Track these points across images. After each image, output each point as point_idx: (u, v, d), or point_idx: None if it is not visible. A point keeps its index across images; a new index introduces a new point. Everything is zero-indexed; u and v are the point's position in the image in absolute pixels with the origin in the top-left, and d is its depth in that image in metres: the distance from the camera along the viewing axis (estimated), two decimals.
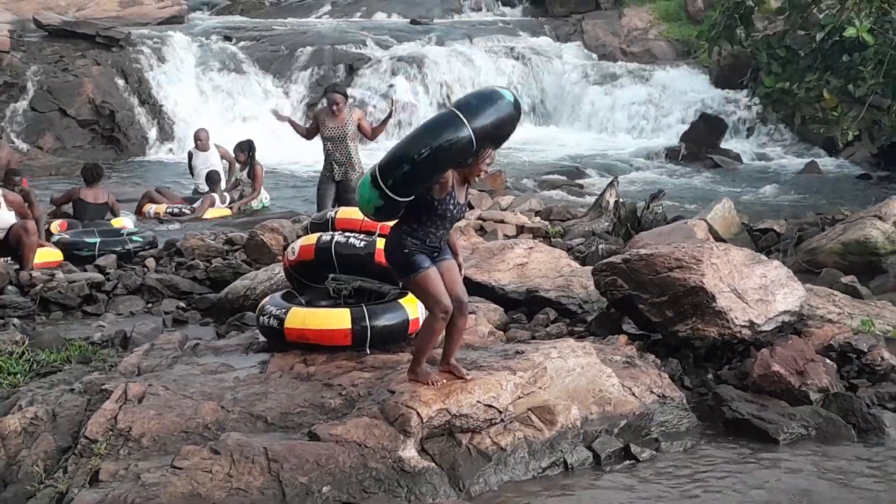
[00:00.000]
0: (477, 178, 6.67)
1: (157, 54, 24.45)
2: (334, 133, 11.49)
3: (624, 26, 28.88)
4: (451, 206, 6.62)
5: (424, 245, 6.64)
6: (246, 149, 16.95)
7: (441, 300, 6.61)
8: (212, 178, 16.77)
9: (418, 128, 6.51)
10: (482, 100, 6.40)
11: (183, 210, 16.17)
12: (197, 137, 17.20)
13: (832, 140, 20.76)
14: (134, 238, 13.07)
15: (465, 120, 6.21)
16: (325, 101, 11.65)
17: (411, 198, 6.42)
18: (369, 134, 11.97)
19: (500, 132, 6.42)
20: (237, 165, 17.22)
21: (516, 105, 6.47)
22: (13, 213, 11.89)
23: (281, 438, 6.54)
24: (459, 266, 6.93)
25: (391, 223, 6.83)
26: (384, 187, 6.33)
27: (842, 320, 8.80)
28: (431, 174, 6.35)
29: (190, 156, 17.50)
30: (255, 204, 16.90)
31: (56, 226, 14.06)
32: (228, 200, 16.70)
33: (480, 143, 6.30)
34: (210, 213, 16.13)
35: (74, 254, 12.66)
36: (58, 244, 12.81)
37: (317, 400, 7.06)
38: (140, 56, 24.27)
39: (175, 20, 28.30)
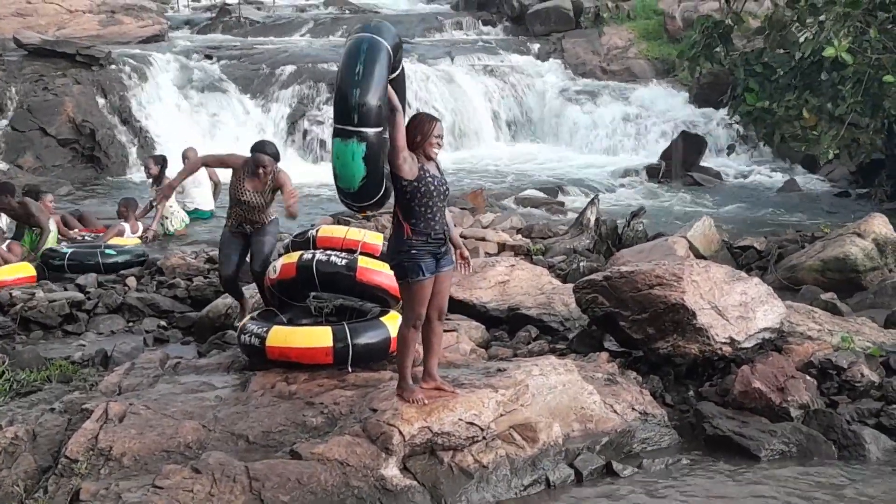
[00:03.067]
0: (436, 153, 6.80)
1: (138, 73, 24.38)
2: (253, 199, 9.22)
3: (604, 45, 28.96)
4: (431, 180, 6.70)
5: (430, 239, 6.68)
6: (160, 162, 16.17)
7: (419, 311, 6.72)
8: (124, 204, 15.57)
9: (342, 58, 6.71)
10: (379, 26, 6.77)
11: (86, 238, 14.92)
12: (185, 157, 16.90)
13: (811, 158, 20.87)
14: (108, 252, 12.92)
15: (376, 36, 6.57)
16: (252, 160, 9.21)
17: (380, 128, 6.50)
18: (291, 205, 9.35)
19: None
20: (149, 180, 16.34)
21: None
22: None
23: (262, 457, 6.53)
24: (467, 260, 7.13)
25: (374, 208, 6.96)
26: (354, 127, 6.39)
27: (822, 337, 8.84)
28: (377, 87, 6.46)
29: None
30: (170, 227, 15.92)
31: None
32: (141, 230, 15.40)
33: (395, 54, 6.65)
34: (115, 242, 14.37)
35: (49, 262, 12.78)
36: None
37: (298, 418, 7.05)
38: (121, 75, 24.18)
39: (156, 39, 28.22)
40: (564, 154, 25.07)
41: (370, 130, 6.38)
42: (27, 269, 12.36)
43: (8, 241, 13.38)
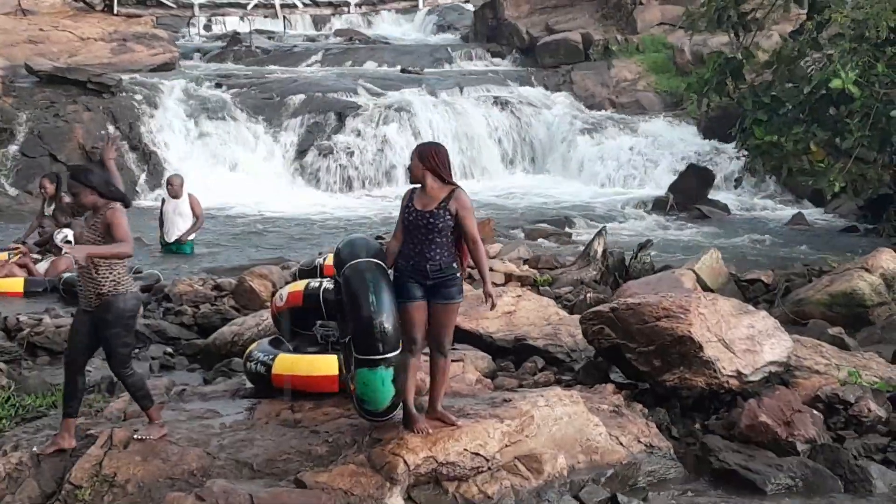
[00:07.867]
0: (428, 181, 6.82)
1: (149, 101, 24.50)
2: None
3: (613, 77, 29.02)
4: (407, 215, 6.81)
5: (409, 266, 6.72)
6: (55, 181, 14.59)
7: (410, 335, 6.77)
8: None
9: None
10: None
11: None
12: (169, 183, 16.53)
13: (819, 192, 20.83)
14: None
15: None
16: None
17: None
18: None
19: None
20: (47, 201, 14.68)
21: None
22: None
23: (267, 485, 6.51)
24: (489, 295, 7.02)
25: None
26: (380, 355, 6.71)
27: (829, 371, 8.81)
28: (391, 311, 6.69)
29: (162, 202, 16.59)
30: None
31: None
32: None
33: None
34: None
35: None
36: None
37: (303, 447, 7.04)
38: (131, 102, 24.31)
39: (167, 67, 28.36)
40: (572, 185, 25.06)
41: (393, 355, 6.64)
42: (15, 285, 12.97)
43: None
